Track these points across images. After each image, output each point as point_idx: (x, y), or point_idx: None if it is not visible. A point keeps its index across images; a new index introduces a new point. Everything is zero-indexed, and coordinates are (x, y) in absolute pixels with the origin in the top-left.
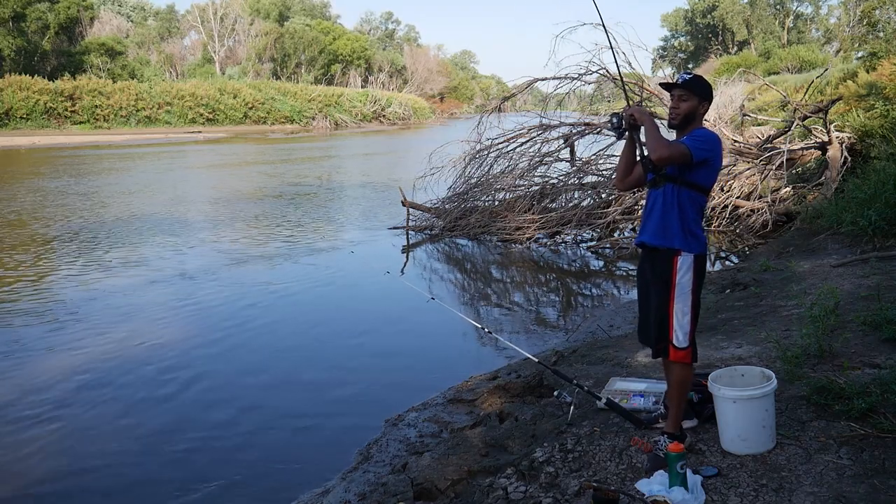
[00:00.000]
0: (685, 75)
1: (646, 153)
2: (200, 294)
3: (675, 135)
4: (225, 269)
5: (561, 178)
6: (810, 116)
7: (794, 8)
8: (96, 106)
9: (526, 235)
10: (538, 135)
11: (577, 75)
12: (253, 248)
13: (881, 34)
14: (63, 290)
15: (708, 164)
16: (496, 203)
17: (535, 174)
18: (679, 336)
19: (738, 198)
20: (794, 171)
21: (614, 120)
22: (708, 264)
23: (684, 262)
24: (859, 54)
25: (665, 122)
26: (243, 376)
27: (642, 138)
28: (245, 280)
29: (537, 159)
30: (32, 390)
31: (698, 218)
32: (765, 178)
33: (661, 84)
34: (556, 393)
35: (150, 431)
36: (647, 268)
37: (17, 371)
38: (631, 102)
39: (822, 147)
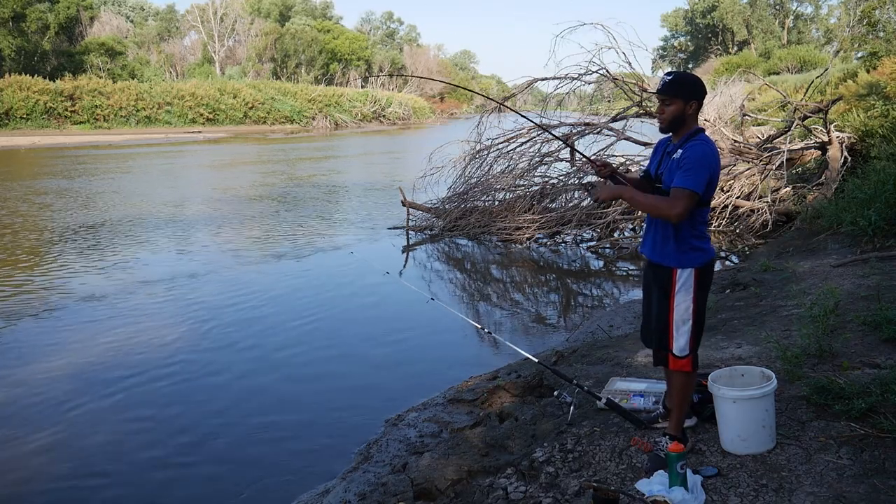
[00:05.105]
0: (665, 78)
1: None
2: (199, 295)
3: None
4: (223, 270)
5: (561, 178)
6: (810, 116)
7: (794, 8)
8: (96, 106)
9: (526, 235)
10: (538, 135)
11: (576, 75)
12: (252, 249)
13: (881, 34)
14: (62, 290)
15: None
16: (496, 203)
17: (535, 174)
18: (679, 345)
19: (738, 198)
20: (794, 171)
21: (592, 195)
22: None
23: (682, 275)
24: (859, 54)
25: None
26: (242, 377)
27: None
28: (244, 280)
29: (537, 159)
30: (29, 390)
31: (697, 231)
32: (765, 178)
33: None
34: (556, 393)
35: (149, 432)
36: (650, 274)
37: (13, 371)
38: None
39: (822, 147)
